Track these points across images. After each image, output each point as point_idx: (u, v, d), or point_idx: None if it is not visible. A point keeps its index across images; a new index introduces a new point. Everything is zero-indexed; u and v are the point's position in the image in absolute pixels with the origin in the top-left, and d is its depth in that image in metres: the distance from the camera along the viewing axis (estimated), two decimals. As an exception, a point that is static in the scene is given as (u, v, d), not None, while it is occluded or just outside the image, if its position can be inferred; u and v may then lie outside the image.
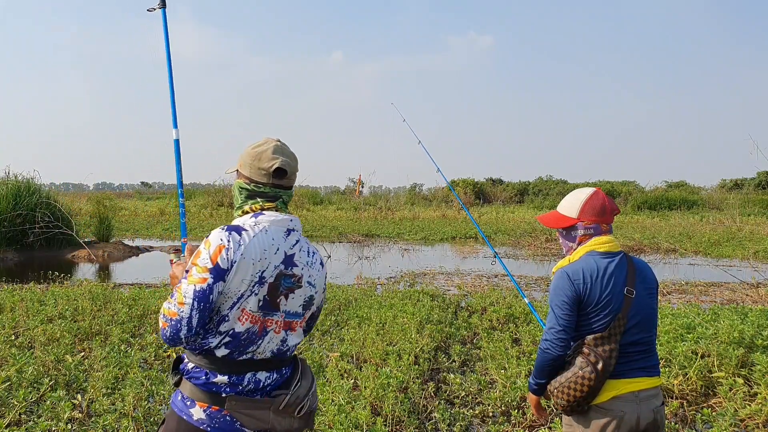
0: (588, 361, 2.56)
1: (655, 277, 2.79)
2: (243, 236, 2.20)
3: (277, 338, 2.28)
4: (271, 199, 2.37)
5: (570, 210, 2.78)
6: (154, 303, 8.01)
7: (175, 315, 2.11)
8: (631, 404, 2.57)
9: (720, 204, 37.83)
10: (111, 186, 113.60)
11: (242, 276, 2.17)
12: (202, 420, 2.18)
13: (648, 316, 2.66)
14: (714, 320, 6.98)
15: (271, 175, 2.33)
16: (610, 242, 2.69)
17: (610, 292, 2.59)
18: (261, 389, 2.25)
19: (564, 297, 2.62)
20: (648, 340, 2.66)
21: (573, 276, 2.62)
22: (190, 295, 2.11)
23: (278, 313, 2.27)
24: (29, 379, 5.03)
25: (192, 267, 2.16)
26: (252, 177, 2.35)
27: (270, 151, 2.35)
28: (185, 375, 2.26)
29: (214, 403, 2.19)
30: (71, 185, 69.02)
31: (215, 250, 2.15)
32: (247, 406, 2.20)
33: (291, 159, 2.40)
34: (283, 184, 2.38)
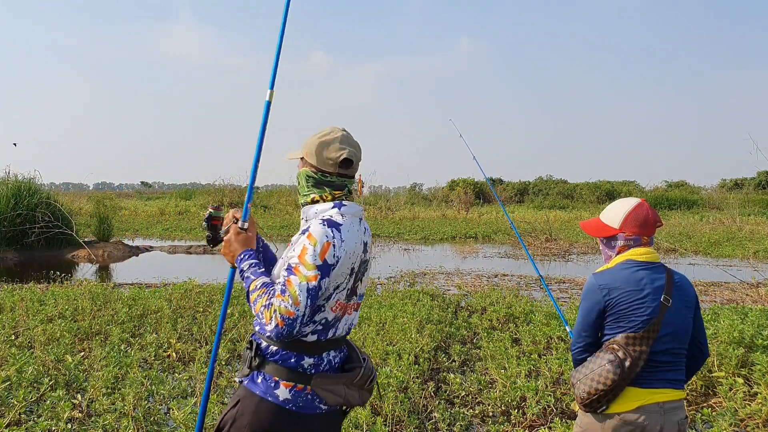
0: (617, 356, 2.52)
1: (695, 292, 2.75)
2: (342, 232, 2.26)
3: (349, 319, 2.41)
4: (338, 188, 2.42)
5: (613, 220, 2.74)
6: (154, 303, 8.00)
7: (292, 314, 2.13)
8: (656, 415, 2.53)
9: (720, 204, 37.84)
10: (111, 186, 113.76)
11: (343, 270, 2.26)
12: (287, 399, 2.27)
13: (682, 329, 2.62)
14: (714, 320, 6.98)
15: (338, 165, 2.37)
16: (650, 253, 2.66)
17: (644, 298, 2.56)
18: (333, 366, 2.36)
19: (588, 304, 2.64)
20: (678, 352, 2.62)
21: (601, 284, 2.61)
22: (305, 293, 2.15)
23: (354, 297, 2.40)
24: (29, 379, 5.03)
25: (299, 264, 2.18)
26: (319, 166, 2.39)
27: (337, 141, 2.39)
28: (270, 357, 2.31)
29: (300, 382, 2.27)
30: (71, 185, 68.97)
31: (323, 248, 2.20)
32: (329, 382, 2.30)
33: (356, 149, 2.44)
34: (348, 173, 2.43)
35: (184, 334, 6.89)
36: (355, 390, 2.35)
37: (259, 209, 33.05)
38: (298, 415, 2.28)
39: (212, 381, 2.56)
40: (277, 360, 2.29)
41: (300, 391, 2.27)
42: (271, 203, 35.59)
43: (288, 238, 23.24)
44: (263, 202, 35.90)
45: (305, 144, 2.46)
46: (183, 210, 32.56)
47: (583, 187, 47.69)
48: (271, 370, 2.29)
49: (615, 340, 2.57)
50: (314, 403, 2.29)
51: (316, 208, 2.38)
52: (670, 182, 51.27)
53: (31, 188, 16.82)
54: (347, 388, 2.33)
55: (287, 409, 2.26)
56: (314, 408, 2.30)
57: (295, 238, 2.33)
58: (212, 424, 4.26)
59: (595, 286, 2.63)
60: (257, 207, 33.63)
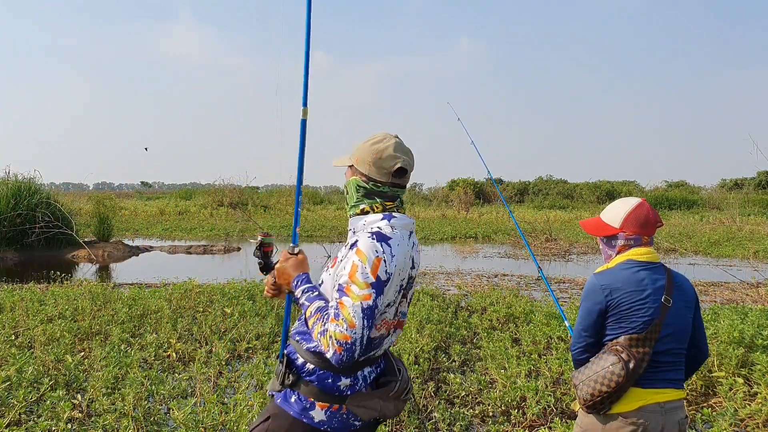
0: (620, 358, 2.51)
1: (695, 292, 2.75)
2: (392, 246, 2.14)
3: (392, 337, 2.31)
4: (390, 199, 2.31)
5: (613, 219, 2.74)
6: (154, 303, 8.00)
7: (348, 338, 2.01)
8: (656, 415, 2.53)
9: (720, 204, 37.84)
10: (111, 186, 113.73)
11: (393, 287, 2.15)
12: (322, 421, 2.20)
13: (682, 329, 2.63)
14: (714, 320, 6.98)
15: (392, 174, 2.26)
16: (650, 253, 2.66)
17: (645, 299, 2.56)
18: (368, 382, 2.28)
19: (589, 304, 2.64)
20: (679, 352, 2.63)
21: (602, 284, 2.61)
22: (360, 314, 2.03)
23: (398, 315, 2.28)
24: (29, 379, 5.03)
25: (350, 283, 2.07)
26: (371, 175, 2.27)
27: (391, 149, 2.26)
28: (306, 376, 2.23)
29: (335, 403, 2.20)
30: (71, 185, 69.04)
31: (374, 264, 2.08)
32: (363, 399, 2.22)
33: (410, 157, 2.32)
34: (401, 183, 2.31)
35: (184, 334, 6.89)
36: (391, 402, 2.27)
37: (259, 209, 33.04)
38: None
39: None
40: (314, 380, 2.21)
41: (335, 411, 2.20)
42: (271, 203, 35.58)
43: (288, 238, 23.28)
44: (263, 202, 35.90)
45: (355, 151, 2.32)
46: (183, 210, 32.52)
47: (583, 187, 47.71)
48: (306, 391, 2.21)
49: (618, 341, 2.56)
50: (349, 422, 2.22)
51: (365, 219, 2.26)
52: (670, 182, 51.32)
53: (31, 188, 16.82)
54: (383, 401, 2.25)
55: (322, 430, 2.20)
56: (348, 426, 2.23)
57: (343, 253, 2.24)
58: (212, 424, 4.26)
59: (596, 287, 2.62)
60: (257, 207, 33.63)
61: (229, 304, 8.08)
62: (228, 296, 8.55)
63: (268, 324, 7.16)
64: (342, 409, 2.20)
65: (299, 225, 2.48)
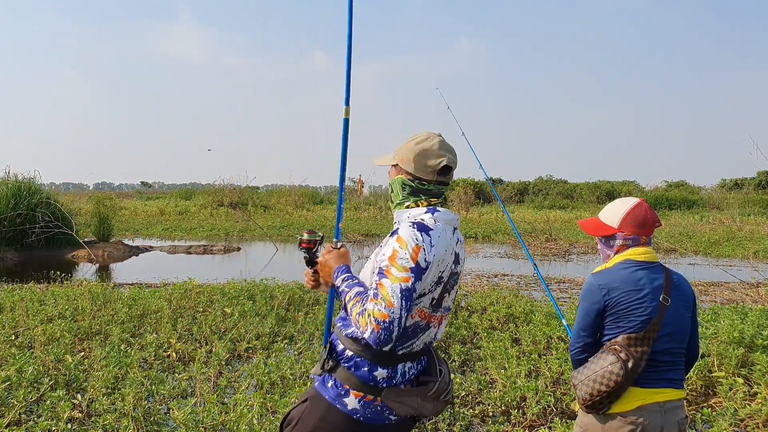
0: (619, 357, 2.51)
1: (693, 292, 2.75)
2: (432, 237, 2.19)
3: (433, 332, 2.32)
4: (435, 196, 2.37)
5: (611, 219, 2.75)
6: (154, 303, 8.00)
7: (386, 317, 2.05)
8: (656, 415, 2.53)
9: (720, 204, 37.81)
10: (111, 186, 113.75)
11: (430, 277, 2.19)
12: (355, 410, 2.23)
13: (681, 328, 2.63)
14: (714, 320, 6.98)
15: (437, 172, 2.32)
16: (648, 253, 2.66)
17: (643, 298, 2.56)
18: (408, 378, 2.29)
19: (587, 304, 2.65)
20: (678, 351, 2.64)
21: (600, 284, 2.62)
22: (398, 294, 2.08)
23: (440, 309, 2.31)
24: (29, 379, 5.03)
25: (389, 266, 2.12)
26: (416, 174, 2.33)
27: (436, 148, 2.32)
28: (344, 362, 2.27)
29: (370, 393, 2.22)
30: (71, 185, 69.06)
31: (414, 250, 2.13)
32: (400, 395, 2.23)
33: (454, 155, 2.37)
34: (446, 180, 2.37)
35: (184, 334, 6.89)
36: (430, 402, 2.29)
37: (259, 209, 33.03)
38: (365, 425, 2.24)
39: None
40: (350, 367, 2.24)
41: (369, 402, 2.22)
42: (271, 203, 35.58)
43: (288, 238, 23.24)
44: (263, 202, 35.89)
45: (400, 150, 2.38)
46: (183, 210, 32.50)
47: (583, 187, 47.67)
48: (342, 377, 2.25)
49: (616, 341, 2.57)
50: (383, 414, 2.24)
51: (409, 212, 2.32)
52: (670, 182, 51.27)
53: (31, 188, 16.80)
54: (421, 400, 2.26)
55: (354, 418, 2.22)
56: (383, 419, 2.25)
57: (385, 240, 2.29)
58: (212, 424, 4.26)
59: (594, 286, 2.63)
60: (257, 207, 33.63)
61: (229, 304, 8.08)
62: (228, 296, 8.55)
63: (268, 324, 7.16)
64: (376, 401, 2.22)
65: (341, 221, 2.53)
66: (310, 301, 8.61)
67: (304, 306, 8.39)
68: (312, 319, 7.60)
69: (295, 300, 8.62)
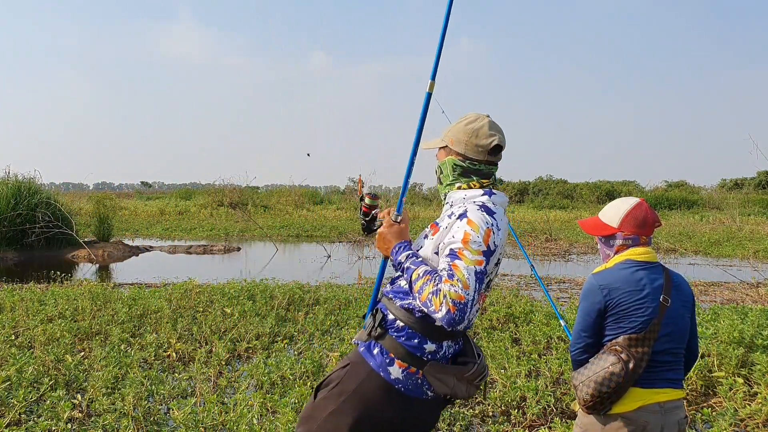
0: (620, 358, 2.52)
1: (692, 292, 2.76)
2: (496, 219, 2.26)
3: (476, 311, 2.35)
4: (486, 176, 2.40)
5: (611, 219, 2.76)
6: (154, 303, 8.00)
7: (462, 298, 2.08)
8: (656, 415, 2.54)
9: (720, 204, 37.82)
10: (111, 186, 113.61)
11: (494, 259, 2.25)
12: (398, 379, 2.29)
13: (680, 328, 2.64)
14: (714, 320, 6.98)
15: (488, 152, 2.37)
16: (648, 253, 2.67)
17: (644, 298, 2.57)
18: (446, 356, 2.36)
19: (588, 304, 2.66)
20: (678, 351, 2.64)
21: (601, 284, 2.63)
22: (473, 276, 2.11)
23: (489, 290, 2.37)
24: (29, 379, 5.03)
25: (463, 248, 2.15)
26: (467, 154, 2.38)
27: (486, 128, 2.37)
28: (393, 331, 2.32)
29: (414, 365, 2.28)
30: (71, 185, 69.00)
31: (486, 233, 2.19)
32: (440, 371, 2.28)
33: (503, 135, 2.42)
34: (496, 160, 2.41)
35: (184, 334, 6.89)
36: (464, 383, 2.32)
37: (259, 209, 33.03)
38: (404, 396, 2.30)
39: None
40: (401, 337, 2.29)
41: (412, 374, 2.28)
42: (271, 203, 35.58)
43: (288, 238, 23.17)
44: (263, 202, 35.88)
45: (449, 132, 2.43)
46: (183, 210, 32.50)
47: (583, 187, 47.66)
48: (390, 346, 2.30)
49: (617, 341, 2.57)
50: (422, 389, 2.30)
51: (465, 193, 2.36)
52: (670, 182, 51.24)
53: (31, 188, 16.78)
54: (457, 380, 2.30)
55: (396, 388, 2.28)
56: (421, 393, 2.31)
57: (446, 223, 2.30)
58: (211, 424, 4.26)
59: (594, 287, 2.63)
60: (257, 207, 33.63)
61: (229, 304, 8.08)
62: (228, 296, 8.55)
63: (268, 324, 7.16)
64: (418, 374, 2.28)
65: (406, 195, 2.53)
66: (310, 301, 8.61)
67: (304, 306, 8.40)
68: (312, 319, 7.60)
69: (295, 300, 8.62)
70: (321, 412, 2.35)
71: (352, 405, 2.29)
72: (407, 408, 2.30)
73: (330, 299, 8.70)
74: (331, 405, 2.32)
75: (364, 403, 2.29)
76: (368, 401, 2.28)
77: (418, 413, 2.34)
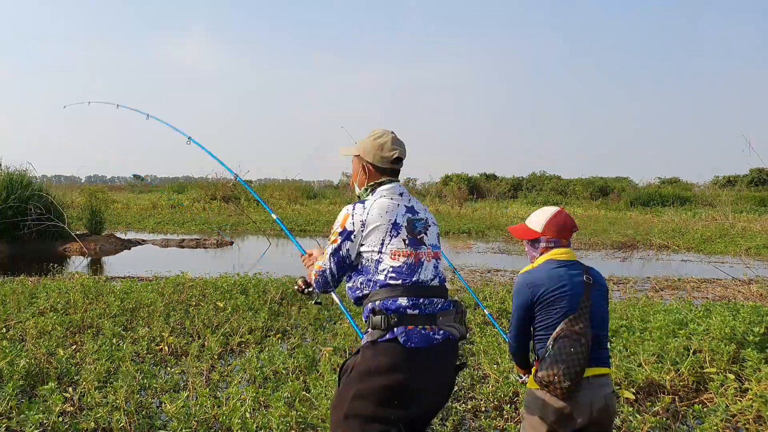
0: (572, 339, 2.82)
1: (606, 285, 3.15)
2: (365, 205, 2.78)
3: (430, 266, 2.78)
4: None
5: (536, 225, 3.14)
6: (147, 296, 7.97)
7: (320, 268, 2.87)
8: (584, 390, 2.82)
9: (713, 201, 37.93)
10: (103, 179, 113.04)
11: (373, 228, 2.72)
12: (400, 337, 2.67)
13: (602, 316, 2.98)
14: (706, 316, 7.00)
15: (391, 161, 2.87)
16: (567, 253, 3.06)
17: (565, 287, 2.92)
18: (425, 311, 2.75)
19: (519, 300, 3.03)
20: (600, 335, 2.95)
21: (528, 282, 3.00)
22: (328, 252, 2.83)
23: (423, 246, 2.77)
24: (20, 372, 5.00)
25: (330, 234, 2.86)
26: (375, 163, 2.88)
27: (390, 143, 2.86)
28: (368, 312, 2.77)
29: (399, 323, 2.67)
30: (63, 177, 68.59)
31: (343, 219, 2.78)
32: (446, 318, 2.76)
33: (404, 148, 2.92)
34: (398, 168, 2.93)
35: (177, 328, 6.87)
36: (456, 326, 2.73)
37: (252, 203, 32.95)
38: (413, 350, 2.58)
39: None
40: (370, 312, 2.67)
41: (410, 330, 2.60)
42: (264, 197, 35.50)
43: (281, 233, 23.13)
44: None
45: (361, 143, 2.92)
46: (175, 203, 32.41)
47: (576, 183, 47.82)
48: (372, 322, 2.65)
49: (562, 327, 2.87)
50: (429, 336, 2.62)
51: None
52: (663, 178, 51.50)
53: (23, 180, 16.69)
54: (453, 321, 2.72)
55: (402, 345, 2.58)
56: (431, 340, 2.62)
57: None
58: (204, 417, 4.25)
59: (522, 285, 3.03)
60: (250, 201, 33.55)
61: (222, 298, 8.07)
62: (221, 290, 8.53)
63: (260, 318, 7.15)
64: (415, 329, 2.61)
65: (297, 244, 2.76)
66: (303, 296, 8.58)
67: (297, 300, 8.38)
68: (305, 313, 7.59)
69: (288, 294, 8.60)
70: (346, 398, 2.60)
71: (371, 383, 2.56)
72: (421, 360, 2.59)
73: (323, 294, 8.67)
74: (353, 389, 2.58)
75: (380, 376, 2.55)
76: (383, 374, 2.55)
77: (435, 359, 2.64)
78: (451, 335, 2.69)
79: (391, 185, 2.86)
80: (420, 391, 2.60)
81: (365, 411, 2.54)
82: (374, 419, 2.54)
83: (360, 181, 2.95)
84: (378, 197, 2.80)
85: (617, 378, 5.32)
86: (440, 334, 2.65)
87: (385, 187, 2.85)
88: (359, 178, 2.95)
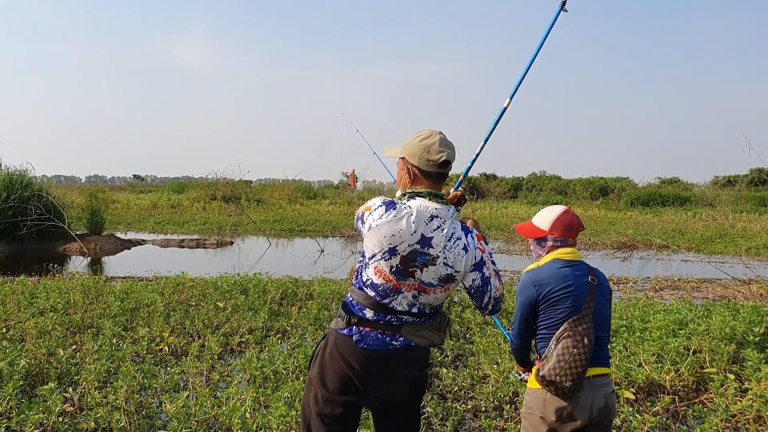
0: (575, 339, 2.83)
1: (609, 285, 3.13)
2: (391, 210, 2.65)
3: (408, 296, 2.65)
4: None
5: (543, 223, 3.13)
6: (147, 296, 7.97)
7: None
8: (585, 390, 2.84)
9: (713, 201, 37.97)
10: (103, 179, 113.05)
11: (376, 238, 2.64)
12: (356, 337, 2.71)
13: (604, 316, 2.99)
14: (706, 316, 7.01)
15: (437, 165, 2.66)
16: (573, 253, 3.05)
17: (569, 287, 2.92)
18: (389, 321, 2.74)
19: (523, 298, 3.01)
20: (601, 336, 2.95)
21: (534, 280, 2.99)
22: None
23: (411, 279, 2.63)
24: (21, 372, 5.00)
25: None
26: (420, 166, 2.69)
27: (437, 144, 2.66)
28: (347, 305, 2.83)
29: (361, 324, 2.71)
30: (63, 178, 68.61)
31: (364, 208, 2.76)
32: (416, 329, 2.74)
33: (453, 150, 2.71)
34: (445, 172, 2.72)
35: (177, 328, 6.87)
36: (436, 333, 2.73)
37: (252, 203, 32.95)
38: (365, 351, 2.63)
39: None
40: (352, 306, 2.70)
41: (368, 332, 2.64)
42: (265, 197, 35.51)
43: (281, 232, 23.10)
44: (256, 196, 35.81)
45: (407, 145, 2.75)
46: (175, 203, 32.38)
47: (576, 183, 47.78)
48: (342, 314, 2.73)
49: (564, 328, 2.87)
50: (386, 341, 2.65)
51: None
52: (663, 179, 51.42)
53: (24, 180, 16.70)
54: (430, 331, 2.72)
55: (355, 343, 2.64)
56: (386, 345, 2.64)
57: None
58: (204, 417, 4.25)
59: (528, 283, 3.01)
60: (250, 201, 33.55)
61: (222, 298, 8.07)
62: (221, 290, 8.53)
63: (260, 318, 7.15)
64: (373, 331, 2.65)
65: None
66: (304, 296, 8.60)
67: (297, 300, 8.39)
68: (305, 313, 7.59)
69: (288, 294, 8.60)
70: (312, 380, 2.79)
71: (329, 368, 2.70)
72: (371, 361, 2.63)
73: (323, 294, 8.69)
74: (316, 371, 2.77)
75: (333, 363, 2.68)
76: (335, 362, 2.67)
77: (386, 363, 2.64)
78: (413, 343, 2.66)
79: (426, 204, 2.63)
80: (369, 387, 2.68)
81: (325, 393, 2.71)
82: (332, 401, 2.70)
83: (403, 184, 2.78)
84: (404, 212, 2.59)
85: (617, 378, 5.32)
86: (399, 341, 2.64)
87: (419, 203, 2.64)
88: (403, 181, 2.78)
